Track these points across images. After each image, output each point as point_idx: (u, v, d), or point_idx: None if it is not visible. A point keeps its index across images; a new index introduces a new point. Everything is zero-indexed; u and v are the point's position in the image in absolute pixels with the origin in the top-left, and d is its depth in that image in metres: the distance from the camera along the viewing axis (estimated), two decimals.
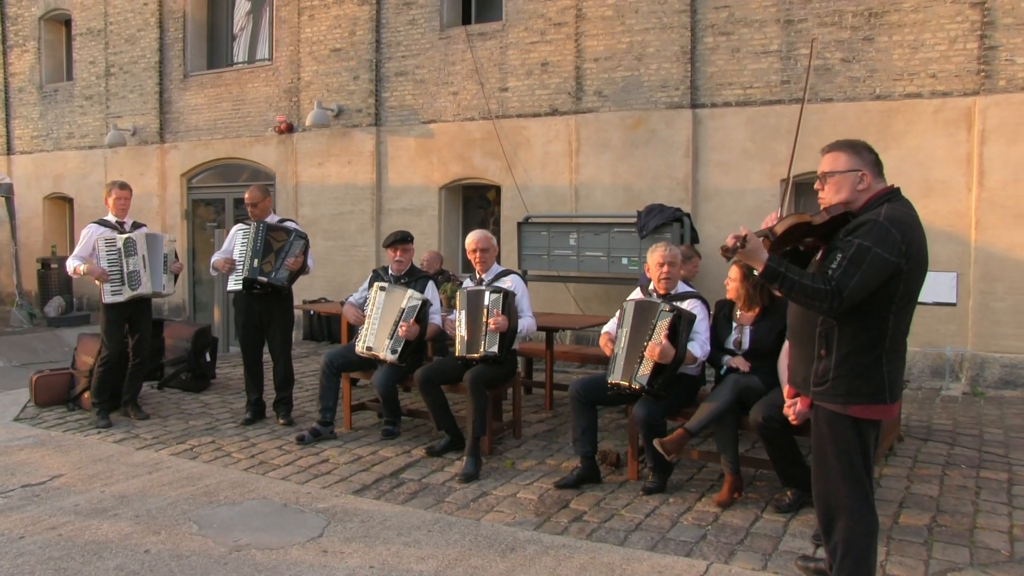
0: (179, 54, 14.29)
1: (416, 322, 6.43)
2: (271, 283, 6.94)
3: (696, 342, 5.38)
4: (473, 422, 5.87)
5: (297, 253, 7.01)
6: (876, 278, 3.16)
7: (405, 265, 6.87)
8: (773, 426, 4.77)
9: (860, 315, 3.23)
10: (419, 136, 11.98)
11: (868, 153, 3.40)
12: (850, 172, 3.35)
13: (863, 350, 3.25)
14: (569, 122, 10.84)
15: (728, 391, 5.18)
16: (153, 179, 14.62)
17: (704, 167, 10.11)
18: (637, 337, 5.34)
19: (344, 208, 12.64)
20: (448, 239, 12.04)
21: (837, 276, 3.14)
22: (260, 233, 7.01)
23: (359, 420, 7.28)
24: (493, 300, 6.09)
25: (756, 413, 4.88)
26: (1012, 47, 8.63)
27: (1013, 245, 8.64)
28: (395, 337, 6.41)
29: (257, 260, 6.95)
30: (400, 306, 6.46)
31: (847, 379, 3.28)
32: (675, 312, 5.24)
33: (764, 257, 3.23)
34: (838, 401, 3.31)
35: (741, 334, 5.49)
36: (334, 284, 12.56)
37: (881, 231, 3.15)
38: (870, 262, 3.13)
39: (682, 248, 7.46)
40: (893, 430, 6.16)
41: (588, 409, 5.50)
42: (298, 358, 10.55)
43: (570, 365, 10.00)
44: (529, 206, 11.02)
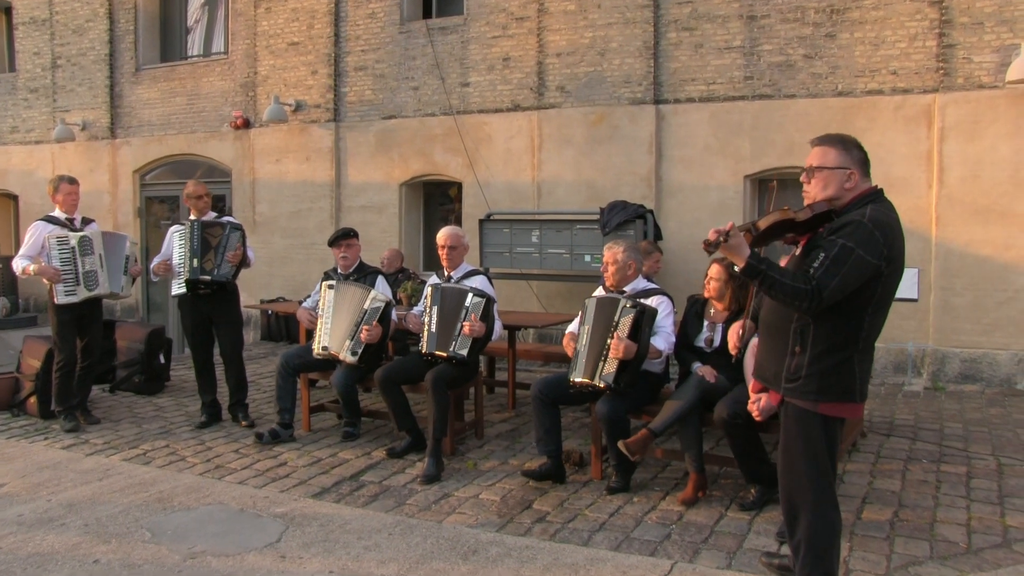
0: (130, 46, 14.06)
1: (379, 324, 6.39)
2: (215, 280, 6.87)
3: (660, 336, 5.40)
4: (435, 423, 5.84)
5: (236, 245, 6.94)
6: (857, 280, 3.18)
7: (352, 261, 6.83)
8: (738, 422, 4.80)
9: (837, 314, 3.25)
10: (379, 132, 11.91)
11: (858, 151, 3.39)
12: (839, 169, 3.35)
13: (837, 349, 3.28)
14: (531, 118, 10.84)
15: (692, 389, 5.20)
16: (104, 175, 14.39)
17: (667, 163, 10.16)
18: (599, 334, 5.35)
19: (303, 206, 12.53)
20: (409, 237, 11.98)
21: (818, 276, 3.15)
22: (196, 231, 6.93)
23: (318, 422, 7.22)
24: (475, 304, 6.06)
25: (721, 409, 4.91)
26: (969, 45, 8.78)
27: (971, 241, 8.80)
28: (356, 339, 6.36)
29: (197, 260, 6.87)
30: (362, 307, 6.41)
31: (819, 377, 3.30)
32: (638, 308, 5.27)
33: (746, 253, 3.23)
34: (809, 398, 3.33)
35: (713, 332, 5.51)
36: (293, 283, 12.45)
37: (865, 233, 3.17)
38: (852, 264, 3.14)
39: (643, 244, 7.49)
40: (857, 426, 6.24)
41: (551, 409, 5.49)
42: (256, 359, 10.44)
43: (533, 364, 10.00)
44: (491, 203, 11.01)
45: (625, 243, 5.77)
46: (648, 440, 5.08)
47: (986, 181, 8.74)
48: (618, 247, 5.69)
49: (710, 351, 5.51)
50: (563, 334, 5.94)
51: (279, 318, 12.06)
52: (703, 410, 5.19)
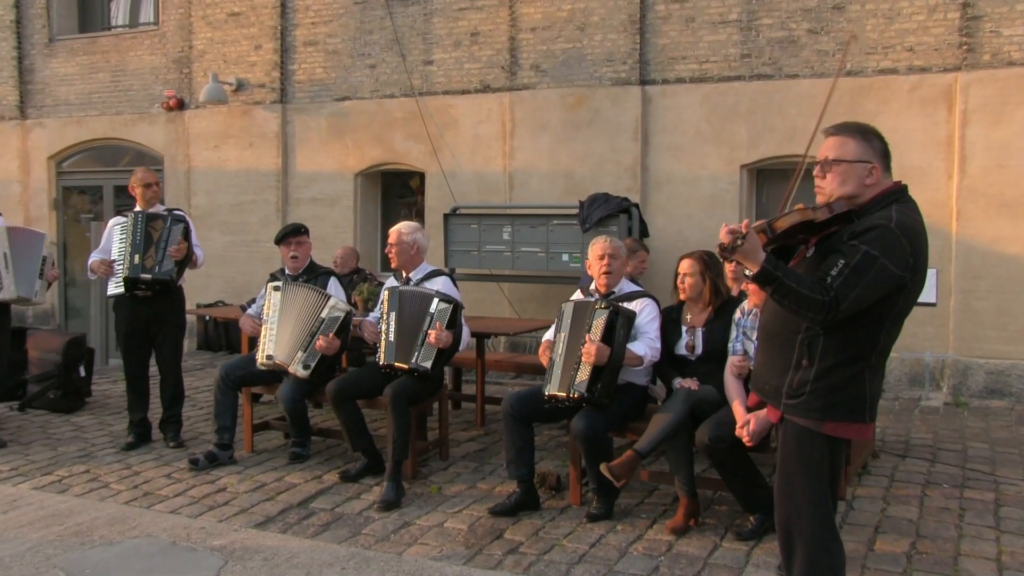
0: (42, 13, 13.85)
1: (337, 336, 6.38)
2: (157, 279, 6.80)
3: (641, 342, 5.41)
4: (394, 442, 5.81)
5: (179, 239, 6.87)
6: (878, 291, 3.17)
7: (303, 261, 6.80)
8: (720, 447, 4.81)
9: (852, 326, 3.25)
10: (331, 115, 11.86)
11: (879, 142, 3.38)
12: (859, 163, 3.33)
13: (847, 363, 3.28)
14: (502, 100, 10.84)
15: (680, 404, 5.20)
16: (12, 162, 14.19)
17: (654, 151, 10.19)
18: (575, 342, 5.36)
19: (245, 197, 12.46)
20: (365, 233, 11.94)
21: (836, 286, 3.13)
22: (139, 224, 6.86)
23: (262, 442, 7.17)
24: (441, 310, 6.04)
25: (702, 433, 4.91)
26: (998, 17, 8.85)
27: (997, 238, 8.88)
28: (311, 350, 6.34)
29: (138, 256, 6.80)
30: (319, 315, 6.39)
31: (826, 393, 3.30)
32: (611, 308, 5.28)
33: (762, 257, 3.19)
34: (813, 416, 3.32)
35: (693, 337, 5.53)
36: (234, 285, 12.36)
37: (891, 239, 3.16)
38: (875, 274, 3.13)
39: (627, 241, 7.51)
40: (867, 446, 6.28)
41: (523, 427, 5.48)
42: (191, 371, 10.35)
43: (504, 375, 9.99)
44: (457, 195, 10.99)
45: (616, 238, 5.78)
46: (634, 463, 5.07)
47: (1014, 171, 8.81)
48: (614, 240, 5.71)
49: (694, 358, 5.53)
50: (538, 343, 5.93)
51: (218, 325, 11.97)
52: (694, 427, 5.20)
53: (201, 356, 11.76)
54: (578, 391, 5.22)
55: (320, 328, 6.36)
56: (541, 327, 7.62)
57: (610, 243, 5.66)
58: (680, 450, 5.20)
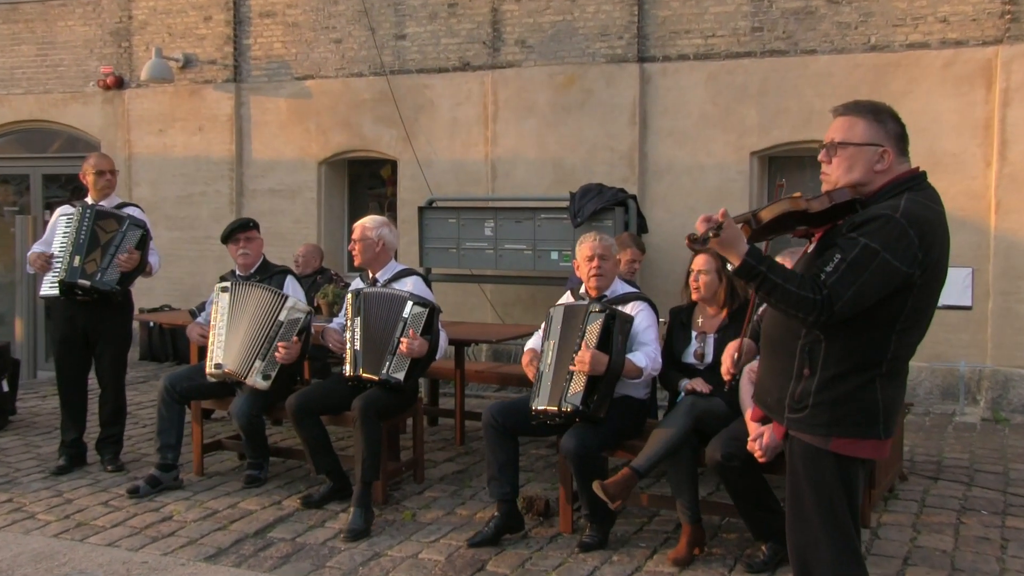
0: None
1: (299, 340, 6.36)
2: (96, 288, 6.74)
3: (641, 352, 5.41)
4: (362, 463, 5.81)
5: (129, 248, 6.82)
6: (879, 290, 3.17)
7: (254, 259, 6.79)
8: (734, 465, 4.81)
9: (855, 330, 3.25)
10: (292, 96, 11.84)
11: (894, 123, 3.36)
12: (868, 147, 3.32)
13: (854, 371, 3.27)
14: (484, 79, 10.84)
15: (683, 417, 5.21)
16: None
17: (654, 137, 10.20)
18: (566, 350, 5.36)
19: (194, 189, 12.42)
20: (330, 228, 11.93)
21: (831, 283, 3.13)
22: (86, 221, 6.79)
23: (213, 463, 7.14)
24: (415, 315, 6.03)
25: (713, 449, 4.92)
26: None
27: None
28: (269, 359, 6.32)
29: (79, 258, 6.73)
30: (277, 318, 6.38)
31: (831, 406, 3.29)
32: (607, 312, 5.28)
33: (743, 249, 3.20)
34: (818, 432, 3.32)
35: (703, 344, 5.54)
36: (181, 287, 12.31)
37: (895, 231, 3.15)
38: (875, 270, 3.13)
39: (622, 236, 7.52)
40: (893, 467, 6.29)
41: (506, 440, 5.48)
42: (132, 384, 10.29)
43: (486, 388, 9.99)
44: (433, 186, 10.99)
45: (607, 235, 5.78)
46: (630, 482, 5.07)
47: None
48: (605, 237, 5.71)
49: (703, 368, 5.54)
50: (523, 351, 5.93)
51: (163, 332, 11.92)
52: (698, 444, 5.20)
53: (144, 367, 11.70)
54: (571, 404, 5.22)
55: (279, 333, 6.34)
56: (527, 334, 7.58)
57: (599, 241, 5.65)
58: (683, 470, 5.20)
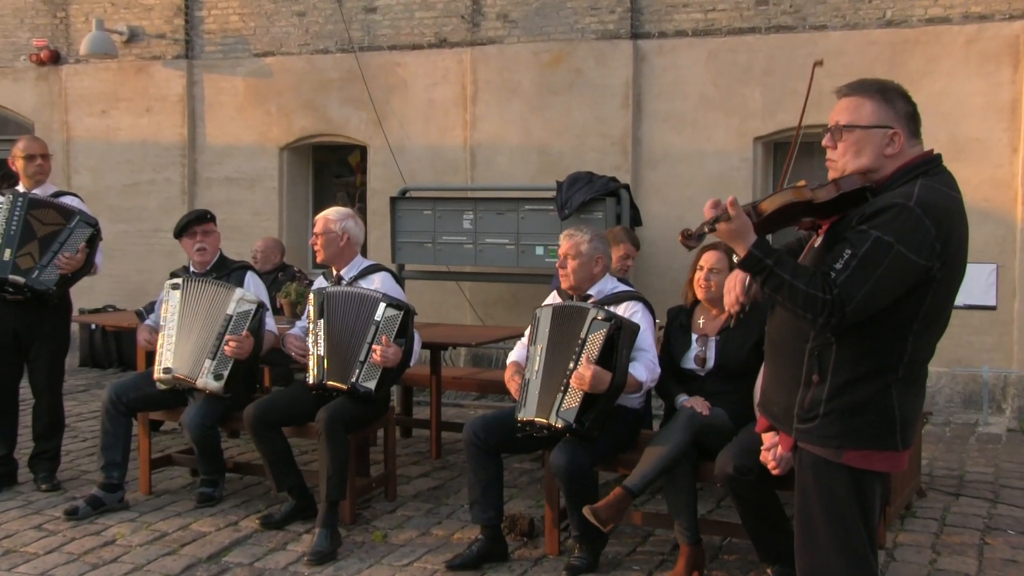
0: None
1: (250, 334, 6.32)
2: (30, 287, 6.69)
3: (640, 362, 5.40)
4: (328, 479, 5.79)
5: (79, 247, 6.77)
6: (896, 287, 3.16)
7: (211, 254, 6.75)
8: (748, 479, 4.79)
9: (868, 332, 3.25)
10: (250, 75, 11.80)
11: (903, 102, 3.37)
12: (877, 129, 3.33)
13: (868, 377, 3.28)
14: (462, 57, 10.83)
15: (681, 431, 5.19)
16: None
17: (649, 121, 10.21)
18: (558, 356, 5.33)
19: (142, 176, 12.37)
20: (293, 221, 11.90)
21: (841, 282, 3.12)
22: (18, 210, 6.73)
23: (162, 480, 7.11)
24: (389, 318, 6.01)
25: (725, 461, 4.90)
26: None
27: None
28: (220, 357, 6.27)
29: (10, 251, 6.67)
30: (225, 311, 6.34)
31: (842, 415, 3.29)
32: (613, 322, 5.25)
33: (751, 240, 3.21)
34: (829, 444, 3.32)
35: (705, 348, 5.53)
36: (127, 286, 12.26)
37: (910, 221, 3.14)
38: (889, 265, 3.12)
39: (615, 230, 7.51)
40: (911, 482, 6.30)
41: (490, 459, 5.46)
42: (72, 393, 10.26)
43: (465, 396, 10.00)
44: (406, 175, 10.97)
45: (590, 230, 5.77)
46: (624, 503, 5.06)
47: None
48: (581, 234, 5.69)
49: (704, 374, 5.53)
50: (506, 355, 5.91)
51: (107, 335, 11.84)
52: (698, 458, 5.19)
53: (85, 374, 11.64)
54: (563, 420, 5.18)
55: (228, 327, 6.30)
56: (509, 336, 7.61)
57: (566, 238, 5.68)
58: (681, 487, 5.19)
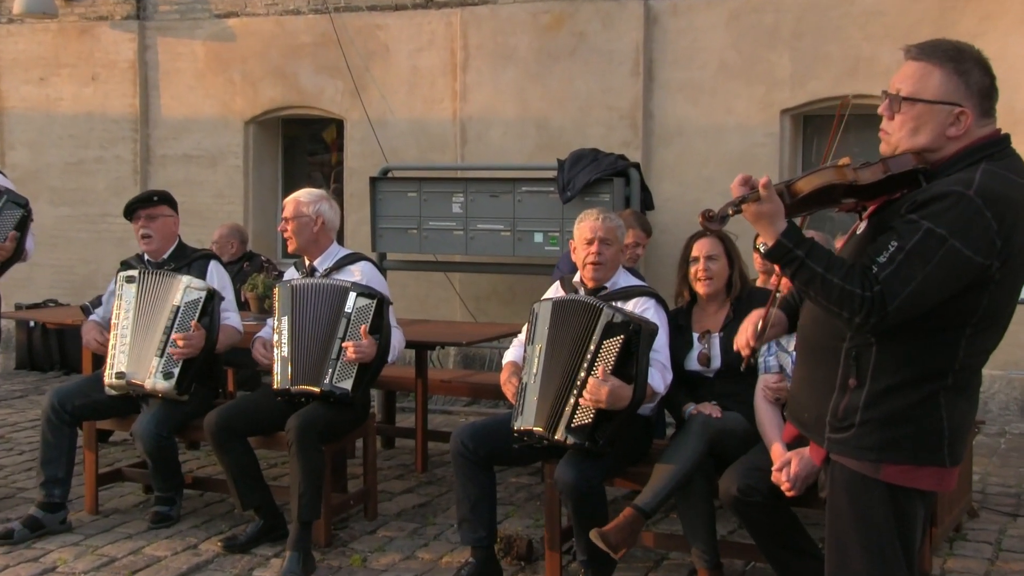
0: None
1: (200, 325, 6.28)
2: None
3: (654, 368, 5.37)
4: (300, 496, 5.78)
5: (8, 233, 6.77)
6: (946, 286, 3.10)
7: (162, 242, 6.70)
8: (754, 501, 4.79)
9: (915, 331, 3.20)
10: (211, 39, 11.80)
11: (980, 74, 3.24)
12: (942, 105, 3.23)
13: (913, 383, 3.23)
14: (451, 19, 10.83)
15: (695, 440, 5.19)
16: None
17: (662, 91, 10.20)
18: (561, 359, 5.30)
19: (87, 153, 12.38)
20: (260, 204, 11.92)
21: (885, 277, 3.06)
22: None
23: (111, 499, 7.09)
24: (360, 308, 6.00)
25: (728, 483, 4.88)
26: None
27: None
28: (168, 355, 6.26)
29: None
30: (172, 303, 6.32)
31: (882, 425, 3.25)
32: (631, 326, 5.19)
33: (781, 226, 3.17)
34: (866, 457, 3.28)
35: (708, 346, 5.53)
36: (71, 278, 12.27)
37: (968, 212, 3.06)
38: (941, 261, 3.05)
39: (623, 214, 7.51)
40: (960, 500, 6.29)
41: (480, 472, 5.45)
42: (7, 400, 10.28)
43: (456, 401, 10.00)
44: (388, 152, 10.97)
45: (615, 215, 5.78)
46: (636, 525, 5.05)
47: None
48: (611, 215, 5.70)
49: (712, 375, 5.54)
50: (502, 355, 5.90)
51: (48, 334, 11.84)
52: (715, 471, 5.17)
53: (22, 378, 11.64)
54: (575, 438, 5.14)
55: (176, 321, 6.29)
56: (506, 335, 7.59)
57: (603, 221, 5.60)
58: (697, 504, 5.19)
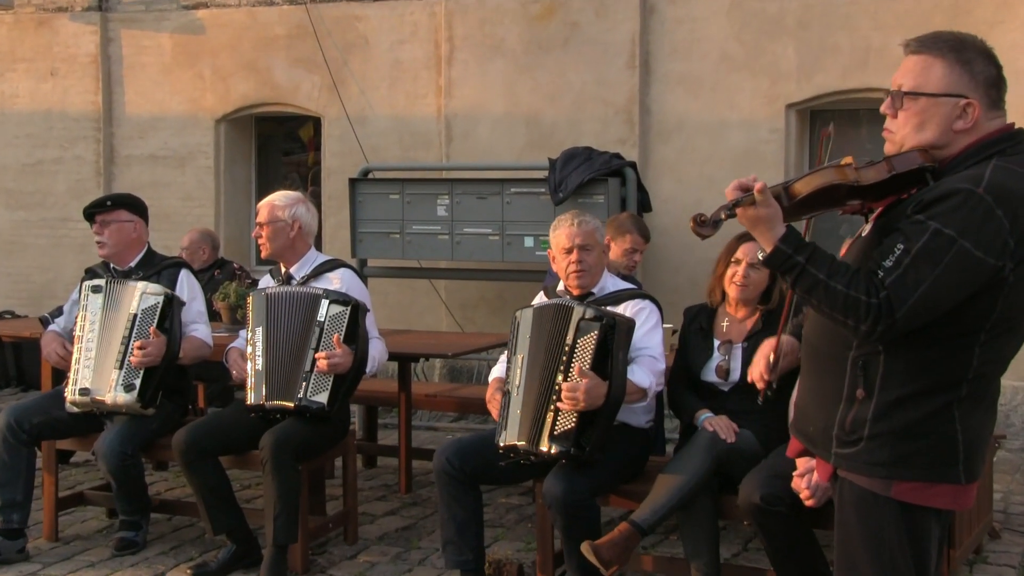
0: None
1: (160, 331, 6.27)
2: None
3: (640, 365, 5.42)
4: (275, 519, 5.80)
5: None
6: (957, 290, 3.11)
7: (119, 248, 6.63)
8: (778, 511, 4.81)
9: (925, 339, 3.20)
10: (178, 31, 11.79)
11: (984, 64, 3.27)
12: (947, 98, 3.25)
13: (924, 394, 3.24)
14: (435, 9, 10.84)
15: (701, 456, 5.21)
16: None
17: (660, 85, 10.22)
18: (541, 367, 5.34)
19: (46, 154, 12.37)
20: (232, 207, 11.93)
21: (891, 282, 3.07)
22: None
23: (72, 524, 7.08)
24: (334, 317, 6.01)
25: (750, 489, 4.90)
26: None
27: None
28: (127, 366, 6.24)
29: None
30: (128, 311, 6.30)
31: (893, 439, 3.26)
32: (603, 320, 5.25)
33: (779, 231, 3.18)
34: (876, 473, 3.29)
35: (728, 357, 5.54)
36: (28, 287, 12.25)
37: (978, 211, 3.07)
38: (951, 264, 3.06)
39: (619, 218, 7.53)
40: (981, 520, 6.29)
41: (465, 491, 5.47)
42: None
43: (441, 417, 10.01)
44: (368, 151, 10.99)
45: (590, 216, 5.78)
46: (632, 541, 5.07)
47: None
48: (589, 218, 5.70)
49: (728, 389, 5.56)
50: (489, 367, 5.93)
51: (4, 347, 11.81)
52: (720, 489, 5.22)
53: None
54: (559, 445, 5.18)
55: (133, 330, 6.27)
56: (494, 345, 7.61)
57: (579, 226, 5.60)
58: (700, 524, 5.20)
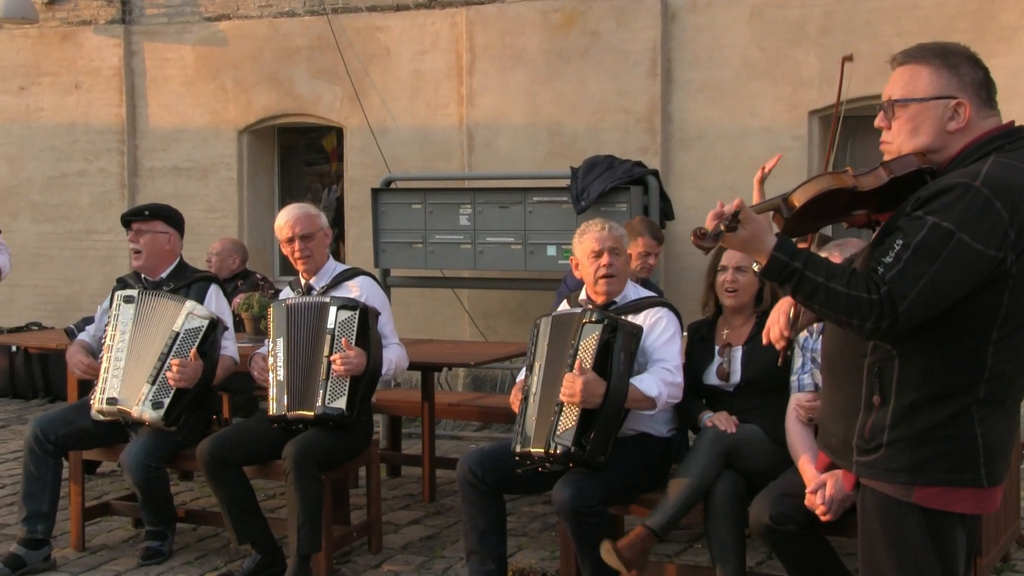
0: None
1: (200, 355, 6.30)
2: None
3: (652, 374, 5.42)
4: (299, 528, 5.81)
5: None
6: (958, 284, 3.12)
7: (153, 259, 6.65)
8: (788, 530, 4.79)
9: (937, 340, 3.21)
10: (201, 43, 11.83)
11: (970, 67, 3.34)
12: (936, 100, 3.30)
13: (941, 397, 3.24)
14: (455, 20, 10.85)
15: (706, 454, 5.21)
16: None
17: (682, 93, 10.21)
18: (555, 374, 5.35)
19: (70, 167, 12.40)
20: (255, 218, 11.94)
21: (891, 277, 3.08)
22: None
23: (98, 534, 7.10)
24: (343, 321, 6.03)
25: (759, 510, 4.88)
26: None
27: None
28: (160, 382, 6.25)
29: None
30: (171, 328, 6.32)
31: (912, 444, 3.26)
32: (605, 322, 5.28)
33: (770, 243, 3.18)
34: (897, 479, 3.29)
35: (728, 359, 5.55)
36: (54, 299, 12.28)
37: (976, 204, 3.09)
38: (950, 257, 3.07)
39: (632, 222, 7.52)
40: (1009, 527, 6.21)
41: (488, 500, 5.47)
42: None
43: (465, 426, 10.01)
44: (391, 162, 10.99)
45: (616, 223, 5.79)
46: (647, 543, 5.05)
47: None
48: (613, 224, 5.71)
49: (730, 389, 5.56)
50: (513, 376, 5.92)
51: (31, 359, 11.84)
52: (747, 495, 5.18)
53: (3, 407, 11.64)
54: (559, 444, 5.19)
55: (173, 347, 6.28)
56: (517, 354, 7.58)
57: (609, 231, 5.64)
58: (724, 527, 5.17)
